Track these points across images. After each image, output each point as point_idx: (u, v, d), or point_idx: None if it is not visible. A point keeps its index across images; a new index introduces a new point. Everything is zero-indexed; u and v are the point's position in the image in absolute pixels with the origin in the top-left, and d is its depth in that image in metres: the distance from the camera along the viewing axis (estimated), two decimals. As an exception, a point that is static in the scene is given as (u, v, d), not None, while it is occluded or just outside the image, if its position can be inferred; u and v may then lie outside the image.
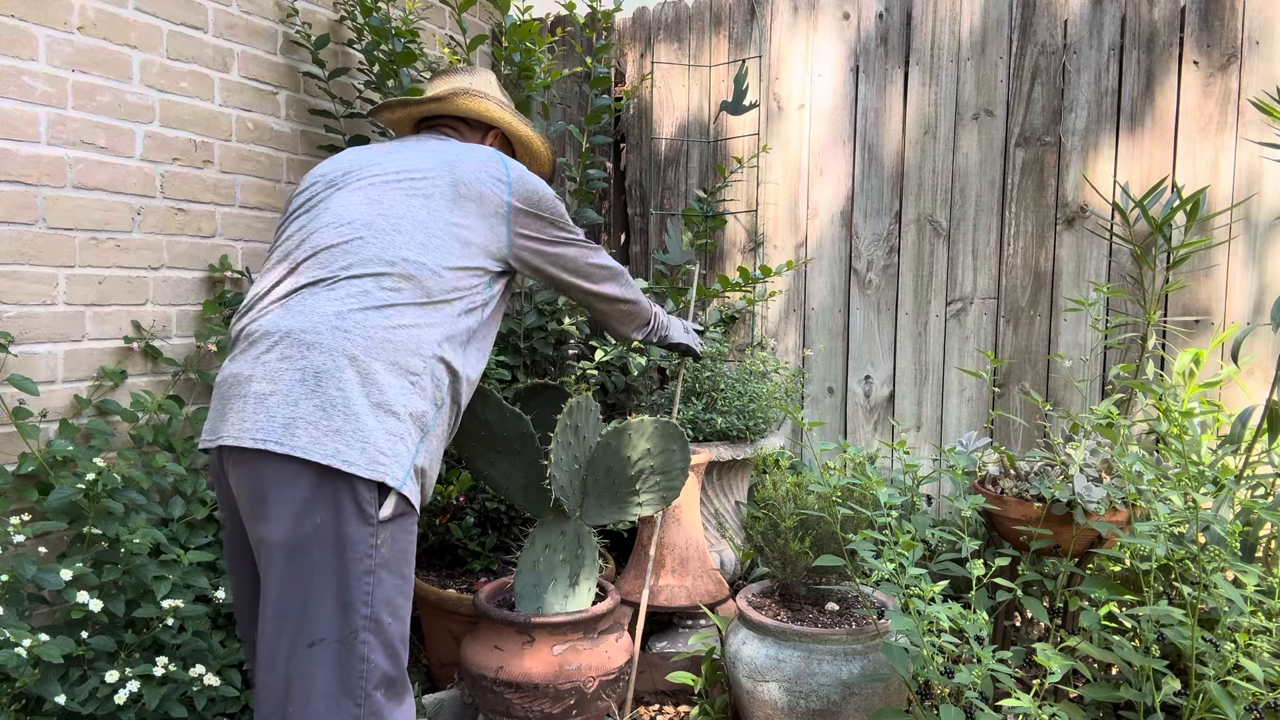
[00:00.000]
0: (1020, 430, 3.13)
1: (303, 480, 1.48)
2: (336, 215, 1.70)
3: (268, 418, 1.50)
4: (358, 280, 1.61)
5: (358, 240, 1.65)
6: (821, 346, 3.42)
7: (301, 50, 2.78)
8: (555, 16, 3.72)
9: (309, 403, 1.50)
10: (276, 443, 1.48)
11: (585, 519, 2.25)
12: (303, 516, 1.48)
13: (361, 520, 1.50)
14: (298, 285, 1.62)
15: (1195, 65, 2.89)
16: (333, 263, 1.63)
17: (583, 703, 2.13)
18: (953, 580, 2.54)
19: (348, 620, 1.48)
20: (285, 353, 1.54)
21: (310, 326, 1.55)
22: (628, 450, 2.19)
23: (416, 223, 1.69)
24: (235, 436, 1.52)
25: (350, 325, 1.56)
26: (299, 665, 1.47)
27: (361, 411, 1.51)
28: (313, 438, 1.48)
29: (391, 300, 1.60)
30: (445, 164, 1.77)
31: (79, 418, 2.22)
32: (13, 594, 1.89)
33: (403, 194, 1.72)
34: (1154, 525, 1.88)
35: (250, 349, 1.59)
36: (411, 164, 1.78)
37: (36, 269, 2.13)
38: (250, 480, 1.52)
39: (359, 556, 1.49)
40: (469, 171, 1.77)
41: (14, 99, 2.07)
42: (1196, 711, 1.78)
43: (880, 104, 3.29)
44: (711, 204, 3.51)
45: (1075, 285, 3.05)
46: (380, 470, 1.51)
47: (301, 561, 1.48)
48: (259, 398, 1.52)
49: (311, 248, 1.66)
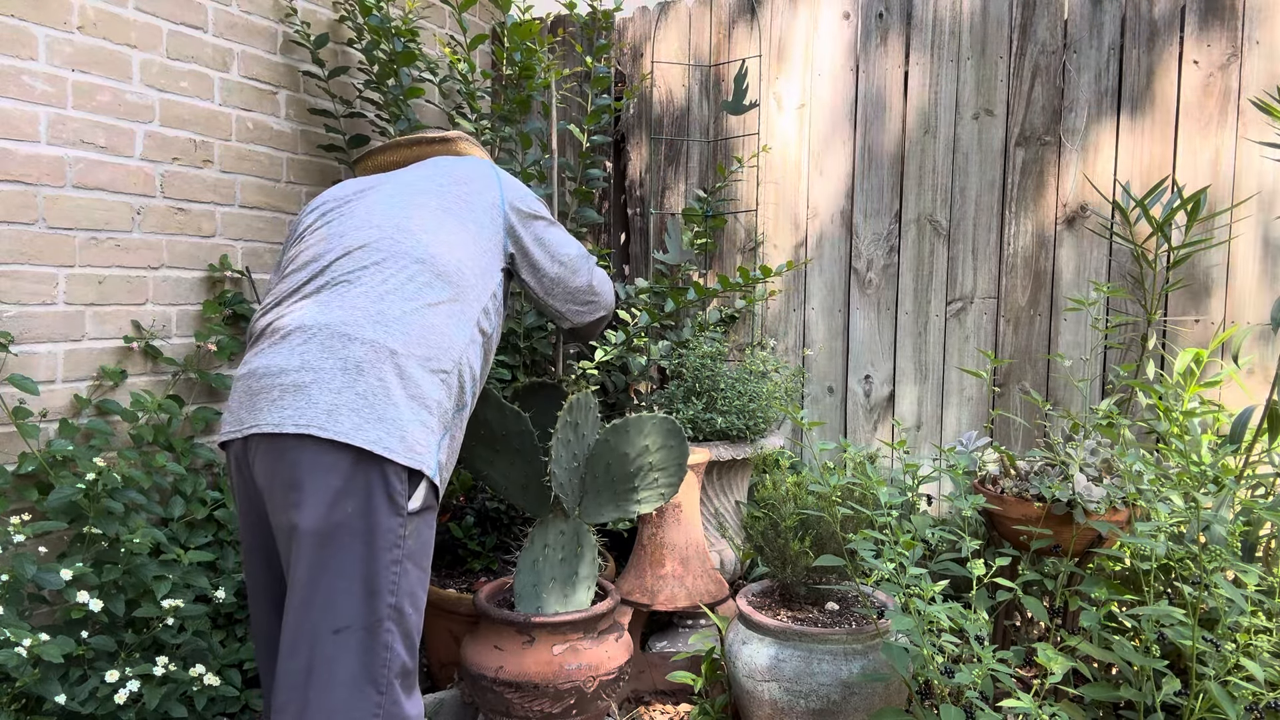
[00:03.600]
0: (1020, 430, 3.13)
1: (341, 467, 1.50)
2: (365, 219, 1.75)
3: (309, 404, 1.52)
4: (394, 276, 1.66)
5: (389, 239, 1.70)
6: (821, 346, 3.42)
7: (301, 50, 2.78)
8: (555, 16, 3.72)
9: (351, 391, 1.53)
10: (320, 428, 1.50)
11: (585, 517, 2.25)
12: (335, 504, 1.50)
13: (392, 510, 1.53)
14: (332, 280, 1.66)
15: (1195, 64, 2.89)
16: (367, 259, 1.67)
17: (583, 702, 2.13)
18: (953, 580, 2.54)
19: (374, 608, 1.50)
20: (326, 344, 1.57)
21: (350, 320, 1.59)
22: (627, 447, 2.19)
23: (440, 224, 1.76)
24: (275, 423, 1.53)
25: (390, 319, 1.60)
26: (323, 651, 1.48)
27: (400, 402, 1.56)
28: (355, 424, 1.51)
29: (427, 298, 1.66)
30: (447, 173, 1.88)
31: (79, 417, 2.22)
32: (13, 594, 1.89)
33: (423, 199, 1.80)
34: (1154, 525, 1.88)
35: (283, 342, 1.60)
36: (423, 174, 1.88)
37: (36, 269, 2.13)
38: (285, 467, 1.52)
39: (388, 545, 1.52)
40: (469, 176, 1.89)
41: (14, 99, 2.07)
42: (1196, 711, 1.78)
43: (880, 103, 3.29)
44: (711, 204, 3.50)
45: (1075, 285, 3.05)
46: (417, 459, 1.55)
47: (331, 548, 1.49)
48: (298, 387, 1.54)
49: (343, 248, 1.70)
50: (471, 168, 1.92)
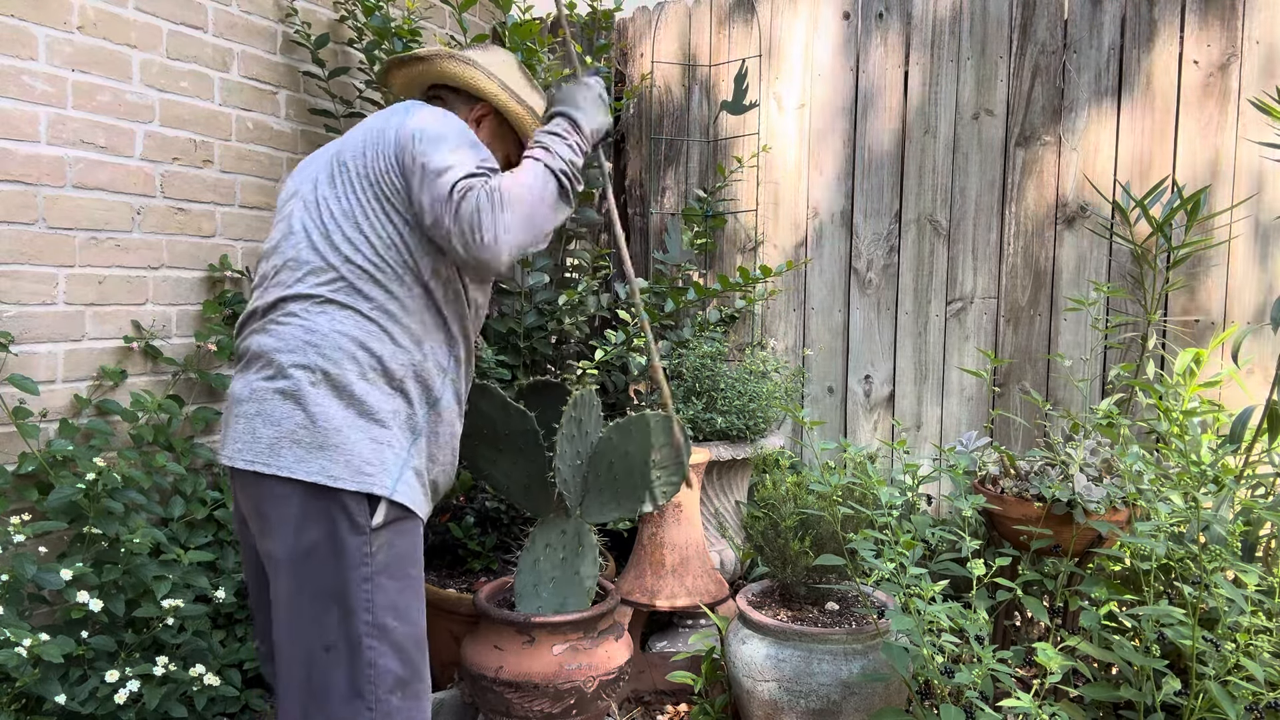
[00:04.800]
0: (1020, 430, 3.13)
1: (294, 498, 1.51)
2: (288, 225, 1.64)
3: (253, 439, 1.54)
4: (316, 292, 1.56)
5: (305, 250, 1.59)
6: (821, 346, 3.42)
7: (301, 50, 2.78)
8: (555, 16, 3.72)
9: (291, 421, 1.52)
10: (264, 464, 1.52)
11: (586, 516, 2.25)
12: (300, 532, 1.51)
13: (354, 530, 1.52)
14: (271, 301, 1.61)
15: (1195, 64, 2.89)
16: (290, 279, 1.59)
17: (583, 702, 2.13)
18: (953, 580, 2.54)
19: (351, 626, 1.51)
20: (265, 373, 1.56)
21: (284, 346, 1.56)
22: (629, 445, 2.19)
23: (345, 214, 1.59)
24: (230, 457, 1.57)
25: (320, 339, 1.54)
26: (318, 668, 1.51)
27: (344, 425, 1.52)
28: (297, 456, 1.50)
29: (355, 305, 1.56)
30: (362, 139, 1.63)
31: (79, 417, 2.22)
32: (13, 594, 1.89)
33: (332, 187, 1.62)
34: (1154, 525, 1.88)
35: (244, 369, 1.62)
36: (340, 147, 1.66)
37: (36, 269, 2.13)
38: (248, 499, 1.57)
39: (355, 564, 1.51)
40: (374, 136, 1.63)
41: (14, 99, 2.07)
42: (1196, 711, 1.78)
43: (880, 103, 3.29)
44: (711, 204, 3.50)
45: (1075, 285, 3.05)
46: (367, 481, 1.52)
47: (305, 574, 1.51)
48: (248, 418, 1.56)
49: (274, 266, 1.63)
50: (381, 124, 1.65)
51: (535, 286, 3.04)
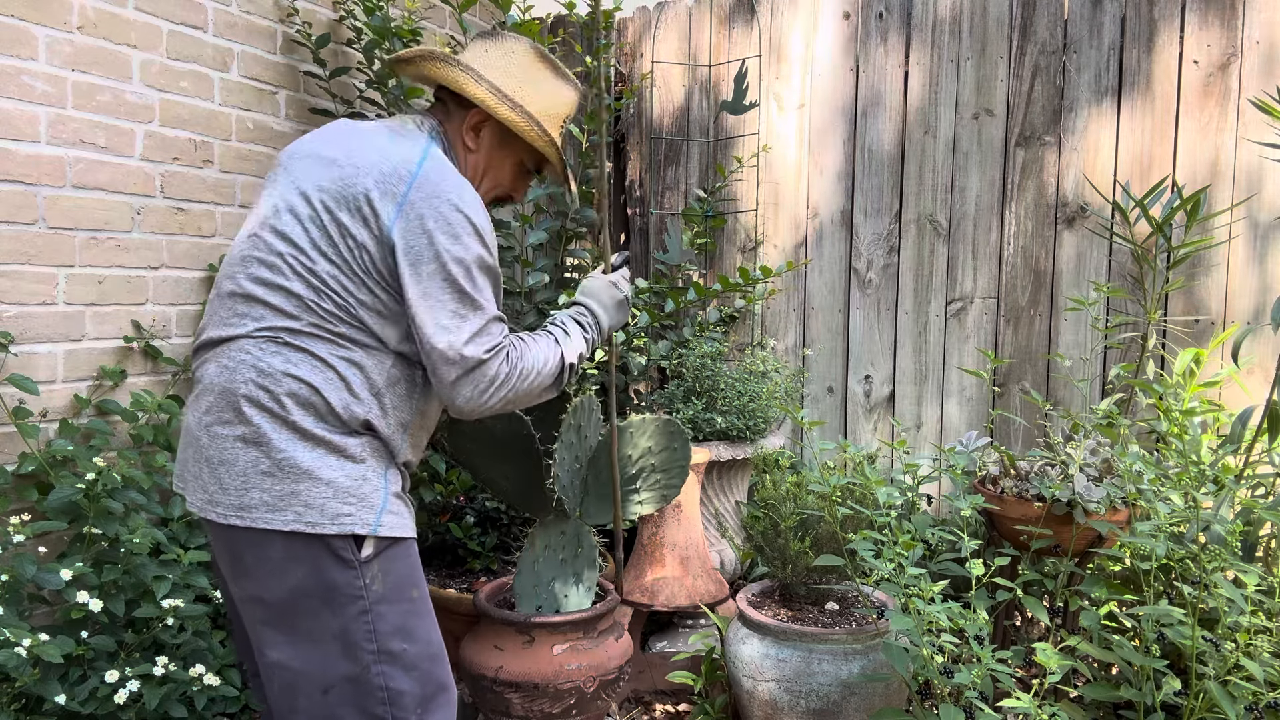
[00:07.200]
0: (1020, 430, 3.13)
1: (274, 543, 1.43)
2: (261, 242, 1.49)
3: (221, 490, 1.44)
4: (267, 321, 1.45)
5: (257, 273, 1.47)
6: (821, 346, 3.42)
7: (301, 50, 2.78)
8: (555, 16, 3.72)
9: (255, 469, 1.42)
10: (237, 516, 1.42)
11: (586, 518, 2.25)
12: (284, 574, 1.43)
13: (342, 566, 1.43)
14: (226, 335, 1.48)
15: (1195, 64, 2.89)
16: (240, 307, 1.47)
17: (583, 702, 2.13)
18: (953, 580, 2.54)
19: (356, 660, 1.44)
20: (222, 416, 1.44)
21: (238, 384, 1.44)
22: (629, 448, 2.19)
23: (292, 232, 1.47)
24: (199, 507, 1.47)
25: (273, 382, 1.43)
26: (321, 712, 1.45)
27: (312, 467, 1.42)
28: (270, 505, 1.41)
29: (301, 333, 1.44)
30: (353, 190, 1.48)
31: (79, 417, 2.22)
32: (13, 594, 1.89)
33: (286, 210, 1.49)
34: (1154, 525, 1.88)
35: (198, 401, 1.49)
36: (329, 179, 1.51)
37: (36, 269, 2.13)
38: (225, 545, 1.48)
39: (349, 600, 1.44)
40: (361, 198, 1.48)
41: (14, 99, 2.07)
42: (1196, 711, 1.78)
43: (880, 103, 3.29)
44: (711, 204, 3.50)
45: (1075, 285, 3.05)
46: (346, 523, 1.43)
47: (295, 616, 1.44)
48: (211, 465, 1.45)
49: (234, 284, 1.50)
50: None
51: (535, 286, 3.04)
